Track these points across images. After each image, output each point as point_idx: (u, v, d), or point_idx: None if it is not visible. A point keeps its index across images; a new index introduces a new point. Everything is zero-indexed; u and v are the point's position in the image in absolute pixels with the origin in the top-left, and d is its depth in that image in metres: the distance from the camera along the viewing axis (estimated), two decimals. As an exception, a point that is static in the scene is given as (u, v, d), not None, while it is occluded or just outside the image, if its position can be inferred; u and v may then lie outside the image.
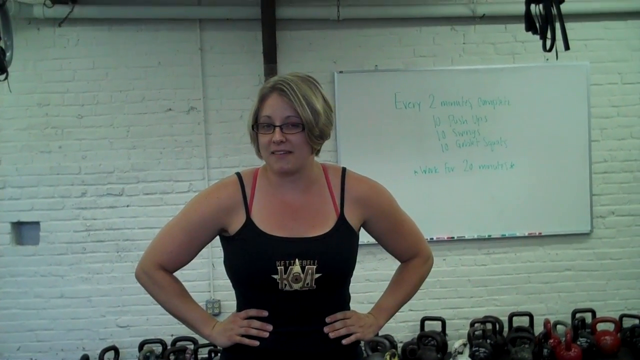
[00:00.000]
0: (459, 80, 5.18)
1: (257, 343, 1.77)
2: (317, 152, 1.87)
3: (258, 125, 1.78)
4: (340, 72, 5.06)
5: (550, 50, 3.83)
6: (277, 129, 1.73)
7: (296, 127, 1.73)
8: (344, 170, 1.92)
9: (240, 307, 1.87)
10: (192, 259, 1.91)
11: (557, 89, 5.19)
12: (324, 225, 1.81)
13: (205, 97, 5.13)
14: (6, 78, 3.88)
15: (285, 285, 1.75)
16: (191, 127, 5.14)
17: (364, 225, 1.92)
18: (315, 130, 1.75)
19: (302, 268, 1.74)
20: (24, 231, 5.19)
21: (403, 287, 1.97)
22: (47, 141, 5.10)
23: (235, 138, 5.13)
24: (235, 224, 1.81)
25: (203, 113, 5.13)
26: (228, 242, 1.84)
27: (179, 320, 1.93)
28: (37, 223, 5.13)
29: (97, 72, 5.09)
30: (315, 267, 1.75)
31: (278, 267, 1.74)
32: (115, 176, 5.13)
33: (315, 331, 1.79)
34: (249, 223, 1.80)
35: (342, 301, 1.87)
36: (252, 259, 1.77)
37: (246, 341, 1.77)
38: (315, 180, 1.87)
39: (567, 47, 3.78)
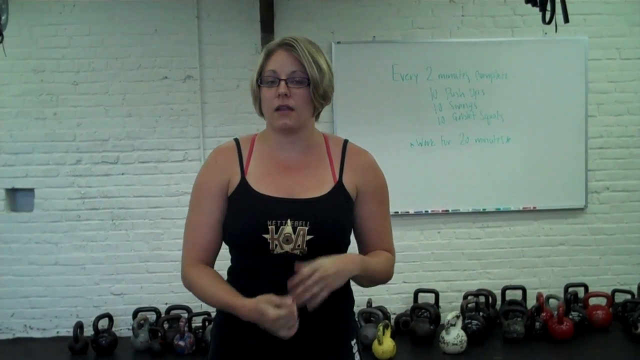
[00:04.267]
0: (456, 52, 5.16)
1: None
2: (317, 116, 1.86)
3: (262, 80, 1.77)
4: (338, 42, 5.04)
5: (549, 22, 3.81)
6: (282, 82, 1.72)
7: (301, 82, 1.73)
8: (345, 141, 1.91)
9: (231, 273, 1.86)
10: (221, 235, 1.84)
11: (555, 64, 5.18)
12: (320, 188, 1.79)
13: (201, 66, 5.10)
14: (1, 41, 3.84)
15: (277, 246, 1.72)
16: (187, 95, 5.12)
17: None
18: (319, 88, 1.74)
19: (294, 229, 1.72)
20: (18, 198, 5.18)
21: (377, 261, 1.85)
22: (42, 108, 5.07)
23: (232, 107, 5.11)
24: (232, 185, 1.81)
25: (199, 82, 5.11)
26: (227, 204, 1.82)
27: (221, 309, 1.82)
28: (32, 190, 5.13)
29: (93, 38, 5.06)
30: (307, 228, 1.72)
31: (269, 227, 1.72)
32: (111, 144, 5.12)
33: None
34: (243, 183, 1.79)
35: None
36: (244, 218, 1.76)
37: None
38: (314, 145, 1.86)
39: (566, 20, 3.77)
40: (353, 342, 1.88)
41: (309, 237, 1.72)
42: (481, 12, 5.21)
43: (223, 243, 1.86)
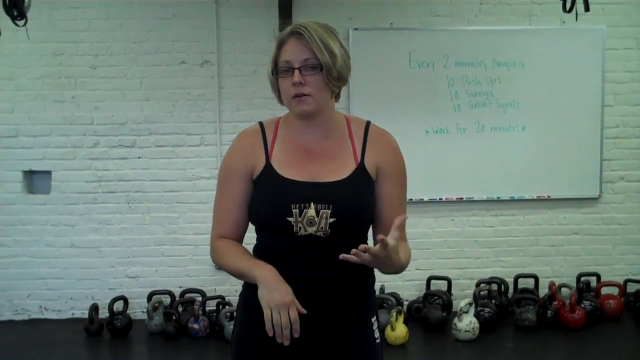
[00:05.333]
0: (474, 40, 5.16)
1: (280, 339, 1.71)
2: (337, 96, 1.89)
3: (278, 71, 1.81)
4: (356, 29, 5.05)
5: (570, 10, 3.82)
6: (296, 71, 1.76)
7: (314, 69, 1.76)
8: (368, 122, 1.93)
9: (257, 251, 1.89)
10: (247, 216, 1.88)
11: (573, 53, 5.18)
12: (341, 171, 1.83)
13: (219, 51, 5.12)
14: (25, 23, 3.86)
15: (300, 228, 1.77)
16: (204, 80, 5.14)
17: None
18: (333, 71, 1.77)
19: (317, 212, 1.76)
20: (35, 180, 5.22)
21: (402, 249, 1.82)
22: (61, 91, 5.11)
23: (249, 92, 5.13)
24: (257, 169, 1.85)
25: (217, 67, 5.13)
26: (253, 187, 1.87)
27: (240, 276, 1.85)
28: (49, 172, 5.17)
29: (111, 22, 5.08)
30: (329, 211, 1.76)
31: (293, 210, 1.76)
32: (128, 127, 5.15)
33: (328, 278, 1.80)
34: (268, 167, 1.83)
35: None
36: (269, 201, 1.81)
37: (267, 316, 1.71)
38: (336, 127, 1.89)
39: (587, 9, 3.78)
40: (373, 319, 1.91)
41: (331, 219, 1.77)
42: (499, 0, 5.21)
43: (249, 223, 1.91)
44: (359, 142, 1.87)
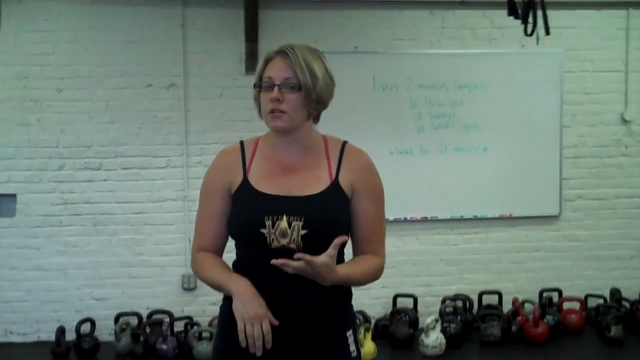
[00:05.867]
0: (436, 63, 5.27)
1: (253, 350, 1.80)
2: (316, 119, 1.98)
3: (261, 86, 1.90)
4: (321, 52, 5.10)
5: (531, 34, 3.92)
6: (276, 88, 1.85)
7: (293, 88, 1.85)
8: (345, 142, 2.02)
9: (235, 266, 1.96)
10: (226, 230, 1.97)
11: (532, 75, 5.32)
12: (315, 186, 1.90)
13: (185, 74, 5.15)
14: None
15: (273, 240, 1.84)
16: (171, 103, 5.16)
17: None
18: (312, 93, 1.86)
19: (289, 224, 1.83)
20: (0, 203, 5.17)
21: (359, 268, 1.95)
22: (26, 114, 5.09)
23: (215, 115, 5.17)
24: (235, 184, 1.94)
25: (183, 89, 5.15)
26: (232, 202, 1.95)
27: (217, 288, 1.93)
28: (14, 195, 5.13)
29: (78, 45, 5.08)
30: (301, 223, 1.83)
31: (266, 222, 1.84)
32: (94, 150, 5.14)
33: (303, 290, 1.85)
34: (245, 182, 1.92)
35: None
36: (244, 214, 1.89)
37: (240, 327, 1.80)
38: (313, 146, 1.97)
39: (547, 32, 3.88)
40: (349, 333, 1.97)
41: (303, 231, 1.83)
42: (461, 25, 5.32)
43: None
44: (335, 160, 1.95)
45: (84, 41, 5.09)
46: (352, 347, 1.96)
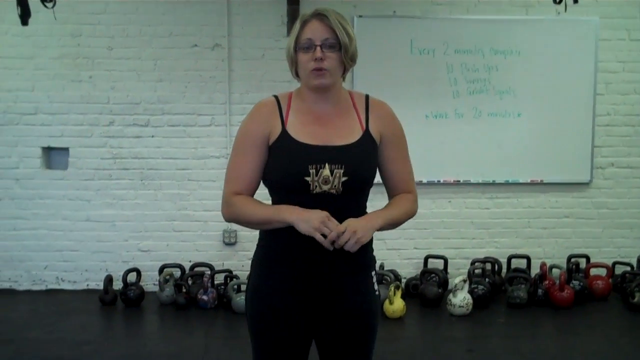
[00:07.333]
0: (473, 29, 5.37)
1: (330, 247, 1.96)
2: (344, 76, 2.15)
3: (299, 47, 2.05)
4: (360, 16, 5.25)
5: (560, 2, 4.01)
6: (318, 48, 2.01)
7: (333, 47, 2.02)
8: (367, 95, 2.20)
9: None
10: (260, 178, 2.10)
11: (567, 43, 5.38)
12: (350, 136, 2.08)
13: (229, 35, 5.31)
14: (54, 5, 4.06)
15: (316, 186, 2.00)
16: (215, 63, 5.34)
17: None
18: (349, 51, 2.04)
19: (331, 172, 2.00)
20: (53, 156, 5.43)
21: (396, 209, 2.14)
22: (79, 70, 5.31)
23: (257, 75, 5.33)
24: (273, 135, 2.07)
25: (227, 50, 5.32)
26: (269, 152, 2.09)
27: (265, 223, 2.02)
28: (67, 149, 5.37)
29: (128, 5, 5.27)
30: (342, 171, 2.01)
31: (310, 170, 1.99)
32: (142, 107, 5.35)
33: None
34: (284, 133, 2.06)
35: (361, 208, 2.13)
36: (288, 163, 2.03)
37: (319, 237, 1.94)
38: (343, 100, 2.14)
39: (575, 0, 3.96)
40: (373, 272, 2.17)
41: (344, 178, 2.01)
42: (498, -9, 5.39)
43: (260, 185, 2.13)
44: (362, 111, 2.12)
45: (133, 2, 5.26)
46: (376, 287, 2.16)
